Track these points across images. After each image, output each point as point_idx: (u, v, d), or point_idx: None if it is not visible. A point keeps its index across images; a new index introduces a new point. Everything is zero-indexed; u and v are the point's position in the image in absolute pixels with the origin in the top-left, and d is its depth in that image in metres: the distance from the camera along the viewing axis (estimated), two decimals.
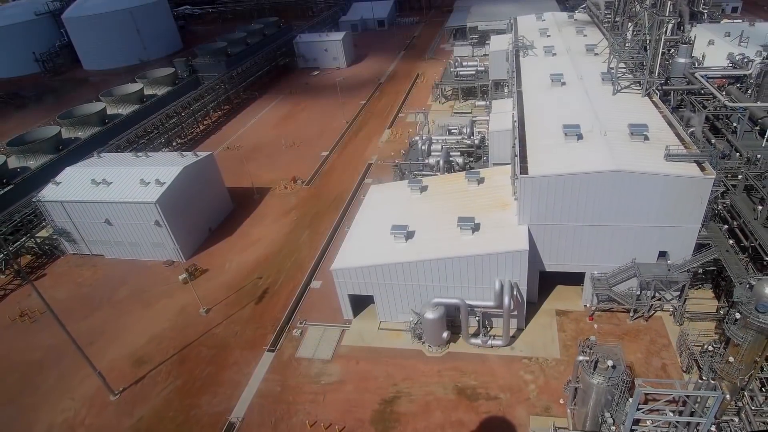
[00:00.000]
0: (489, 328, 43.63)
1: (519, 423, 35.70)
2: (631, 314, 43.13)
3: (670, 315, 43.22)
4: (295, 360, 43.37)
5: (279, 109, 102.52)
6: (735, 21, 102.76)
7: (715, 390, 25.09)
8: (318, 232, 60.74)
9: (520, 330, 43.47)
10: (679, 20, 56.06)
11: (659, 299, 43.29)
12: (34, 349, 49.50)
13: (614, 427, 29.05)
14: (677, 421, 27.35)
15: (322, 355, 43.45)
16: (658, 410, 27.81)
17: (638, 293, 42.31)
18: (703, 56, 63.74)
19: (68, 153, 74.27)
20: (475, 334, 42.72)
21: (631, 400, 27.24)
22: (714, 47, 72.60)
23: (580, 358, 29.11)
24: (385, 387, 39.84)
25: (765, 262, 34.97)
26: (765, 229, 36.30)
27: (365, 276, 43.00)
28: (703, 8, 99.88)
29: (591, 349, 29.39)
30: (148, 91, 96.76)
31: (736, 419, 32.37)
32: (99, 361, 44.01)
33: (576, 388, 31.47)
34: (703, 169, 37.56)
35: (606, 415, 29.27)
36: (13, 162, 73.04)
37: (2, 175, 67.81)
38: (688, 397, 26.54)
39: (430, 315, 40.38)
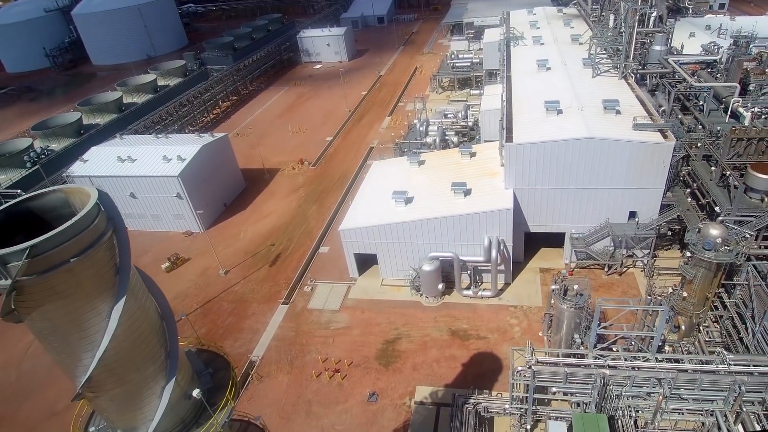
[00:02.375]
0: (480, 283, 48.85)
1: (504, 357, 40.93)
2: (606, 270, 48.43)
3: (641, 271, 48.55)
4: (307, 311, 48.67)
5: (284, 100, 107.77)
6: (717, 15, 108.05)
7: (661, 305, 30.36)
8: (324, 206, 66.02)
9: (507, 284, 48.77)
10: (660, 14, 61.78)
11: (631, 256, 48.63)
12: None
13: (583, 347, 34.32)
14: (634, 337, 32.62)
15: (331, 306, 48.74)
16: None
17: (612, 250, 47.69)
18: (682, 46, 69.22)
19: (89, 137, 79.32)
20: (467, 287, 47.99)
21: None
22: (694, 39, 78.03)
23: (553, 287, 34.40)
24: (387, 331, 45.14)
25: (716, 213, 40.28)
26: (717, 187, 41.62)
27: (369, 236, 48.24)
28: (688, 4, 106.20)
29: (563, 281, 34.65)
30: (160, 82, 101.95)
31: (691, 347, 37.66)
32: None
33: (551, 318, 36.72)
34: (665, 136, 42.93)
35: (575, 337, 34.56)
36: (38, 145, 78.06)
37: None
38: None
39: (427, 267, 45.65)
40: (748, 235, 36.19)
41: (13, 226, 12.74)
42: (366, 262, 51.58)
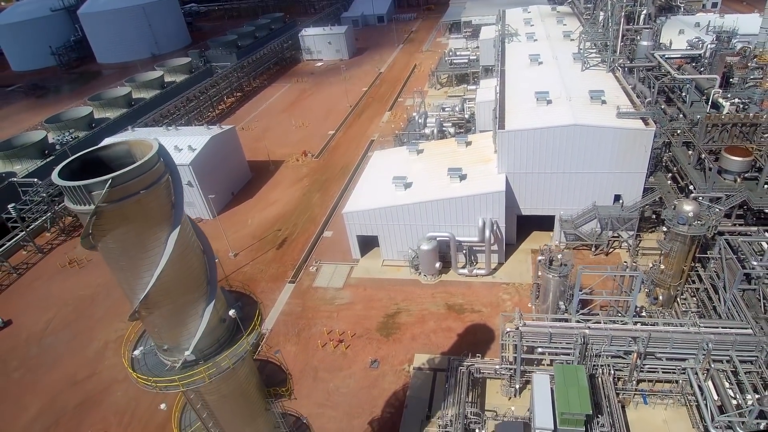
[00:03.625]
0: (475, 262, 51.91)
1: (497, 328, 43.91)
2: (594, 250, 51.51)
3: (626, 251, 51.63)
4: (313, 288, 51.79)
5: (287, 96, 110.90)
6: (708, 14, 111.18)
7: (635, 270, 33.48)
8: (328, 194, 69.15)
9: (500, 264, 51.88)
10: (649, 12, 65.22)
11: (617, 238, 51.70)
12: (85, 287, 57.77)
13: (567, 314, 37.36)
14: (613, 302, 35.71)
15: (335, 284, 51.86)
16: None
17: (599, 231, 50.77)
18: (670, 42, 72.46)
19: (100, 130, 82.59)
20: (463, 267, 51.07)
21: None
22: (683, 35, 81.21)
23: (540, 258, 37.48)
24: (388, 306, 48.25)
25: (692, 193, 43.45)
26: (695, 170, 44.75)
27: (371, 218, 51.31)
28: (680, 2, 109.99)
29: (549, 252, 37.72)
30: (166, 79, 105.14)
31: (667, 313, 40.78)
32: None
33: (538, 288, 39.76)
34: (647, 123, 46.05)
35: (560, 304, 37.63)
36: (52, 137, 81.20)
37: (44, 147, 76.30)
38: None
39: (425, 246, 48.74)
40: (718, 210, 39.29)
41: (84, 172, 15.79)
42: (368, 244, 54.64)
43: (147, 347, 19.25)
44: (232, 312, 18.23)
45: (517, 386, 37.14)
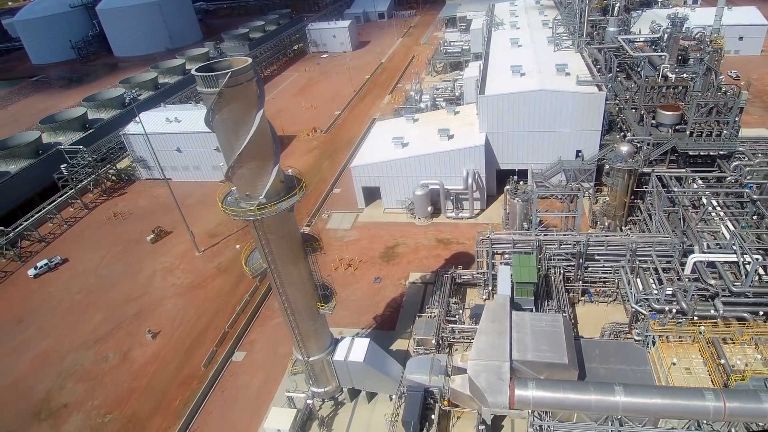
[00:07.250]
0: (461, 208, 61.96)
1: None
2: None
3: (587, 199, 61.64)
4: (325, 230, 61.89)
5: (296, 83, 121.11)
6: (683, 8, 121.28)
7: (578, 191, 43.63)
8: (335, 161, 79.25)
9: (482, 210, 61.94)
10: (623, 4, 75.92)
11: (579, 189, 61.68)
12: (131, 233, 67.83)
13: (529, 232, 47.39)
14: (563, 217, 45.85)
15: (344, 226, 61.99)
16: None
17: (565, 183, 60.82)
18: (639, 30, 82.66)
19: (132, 108, 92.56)
20: (451, 211, 61.14)
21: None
22: (654, 26, 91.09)
23: (507, 187, 47.55)
24: (388, 240, 58.33)
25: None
26: (638, 125, 54.92)
27: (375, 171, 61.37)
28: None
29: (515, 183, 47.82)
30: (187, 66, 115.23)
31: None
32: (184, 235, 62.40)
33: (508, 215, 49.86)
34: (600, 89, 56.20)
35: (524, 225, 47.72)
36: (90, 114, 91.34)
37: (84, 121, 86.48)
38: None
39: (419, 192, 58.85)
40: (646, 148, 49.46)
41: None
42: (371, 196, 64.68)
43: (231, 198, 29.39)
44: (290, 171, 28.34)
45: (490, 288, 47.13)
